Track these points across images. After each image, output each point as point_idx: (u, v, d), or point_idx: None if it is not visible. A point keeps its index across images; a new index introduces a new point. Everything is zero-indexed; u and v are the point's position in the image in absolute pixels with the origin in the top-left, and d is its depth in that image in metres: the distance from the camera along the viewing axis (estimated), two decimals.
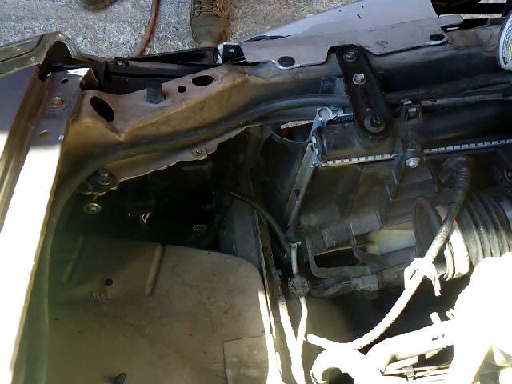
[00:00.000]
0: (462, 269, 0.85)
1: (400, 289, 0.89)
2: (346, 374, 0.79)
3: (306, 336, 1.00)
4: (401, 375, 0.90)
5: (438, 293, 0.84)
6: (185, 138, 0.92)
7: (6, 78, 0.84)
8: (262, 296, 0.99)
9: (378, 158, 0.94)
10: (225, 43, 1.05)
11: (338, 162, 0.93)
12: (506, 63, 0.97)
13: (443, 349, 0.81)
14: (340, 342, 0.94)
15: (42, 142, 0.73)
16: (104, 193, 0.89)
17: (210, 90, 0.94)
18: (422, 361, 0.90)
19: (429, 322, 0.83)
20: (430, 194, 0.96)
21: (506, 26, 0.95)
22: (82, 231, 1.02)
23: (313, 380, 0.90)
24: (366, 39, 1.04)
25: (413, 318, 0.90)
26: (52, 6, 2.57)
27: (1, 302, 0.56)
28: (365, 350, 0.83)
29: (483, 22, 1.13)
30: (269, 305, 0.98)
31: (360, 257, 1.07)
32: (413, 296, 0.86)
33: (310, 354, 0.95)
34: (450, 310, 0.78)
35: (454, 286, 0.78)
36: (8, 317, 0.55)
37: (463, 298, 0.70)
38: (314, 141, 0.94)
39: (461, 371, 0.65)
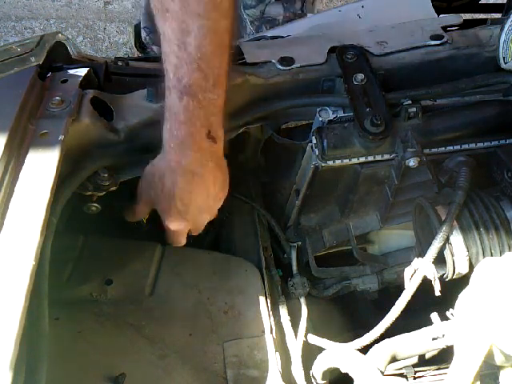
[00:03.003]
0: (462, 269, 0.85)
1: (400, 289, 0.89)
2: (346, 374, 0.79)
3: (306, 336, 1.00)
4: (401, 375, 0.90)
5: (438, 293, 0.84)
6: None
7: (5, 78, 0.84)
8: (262, 296, 0.99)
9: (378, 158, 0.94)
10: None
11: (337, 162, 0.93)
12: (506, 63, 0.97)
13: (443, 349, 0.81)
14: (340, 342, 0.94)
15: (42, 142, 0.73)
16: (104, 193, 0.89)
17: None
18: (422, 361, 0.90)
19: (429, 322, 0.83)
20: (430, 194, 0.96)
21: (506, 26, 0.95)
22: (82, 231, 1.02)
23: (313, 380, 0.90)
24: (366, 39, 1.04)
25: (413, 318, 0.90)
26: (52, 6, 2.57)
27: (1, 302, 0.56)
28: (365, 349, 0.83)
29: (483, 21, 1.13)
30: (269, 305, 0.98)
31: (360, 257, 1.07)
32: (413, 296, 0.86)
33: (310, 353, 0.95)
34: (450, 309, 0.78)
35: (454, 286, 0.78)
36: (8, 317, 0.55)
37: (463, 298, 0.70)
38: (314, 141, 0.94)
39: (461, 371, 0.65)
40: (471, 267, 0.84)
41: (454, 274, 0.86)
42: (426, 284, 0.85)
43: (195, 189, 0.84)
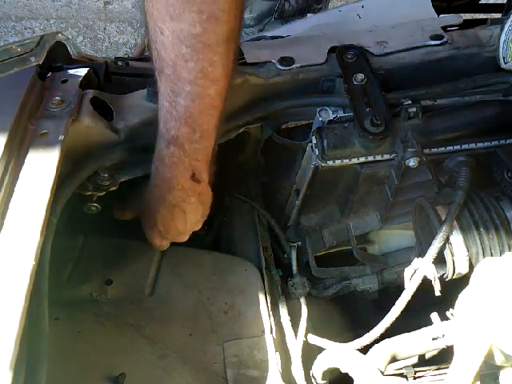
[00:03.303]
0: (462, 269, 0.85)
1: (400, 289, 0.89)
2: (346, 374, 0.79)
3: (306, 336, 1.00)
4: (401, 375, 0.90)
5: (438, 293, 0.84)
6: None
7: (5, 78, 0.84)
8: (262, 296, 0.99)
9: (378, 158, 0.94)
10: None
11: (337, 162, 0.93)
12: (506, 63, 0.97)
13: (443, 349, 0.81)
14: (340, 342, 0.94)
15: (42, 142, 0.73)
16: (104, 193, 0.89)
17: None
18: (422, 361, 0.90)
19: (429, 322, 0.83)
20: (429, 194, 0.96)
21: (506, 26, 0.95)
22: (82, 231, 1.02)
23: (313, 380, 0.90)
24: (366, 39, 1.04)
25: (413, 318, 0.90)
26: (52, 6, 2.57)
27: (1, 302, 0.56)
28: (365, 349, 0.83)
29: (483, 21, 1.13)
30: (269, 305, 0.98)
31: (360, 257, 1.07)
32: (413, 296, 0.86)
33: (310, 353, 0.95)
34: (450, 309, 0.78)
35: (454, 286, 0.78)
36: (8, 317, 0.55)
37: (463, 297, 0.70)
38: (314, 141, 0.94)
39: (461, 371, 0.65)
40: (471, 267, 0.84)
41: (454, 274, 0.86)
42: (426, 284, 0.85)
43: (176, 218, 0.90)
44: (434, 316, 0.84)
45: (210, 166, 0.86)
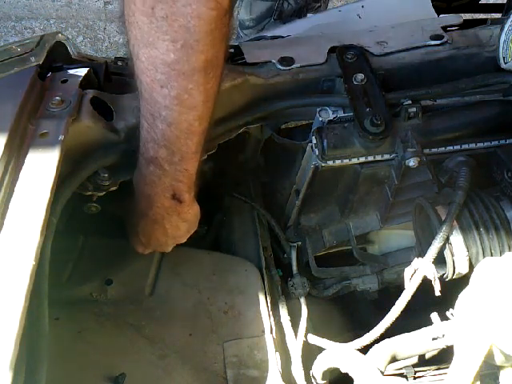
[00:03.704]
0: (462, 269, 0.85)
1: (400, 289, 0.89)
2: (346, 374, 0.79)
3: (306, 336, 1.00)
4: (401, 375, 0.90)
5: (438, 293, 0.84)
6: None
7: (5, 78, 0.84)
8: (262, 296, 0.99)
9: (378, 158, 0.94)
10: None
11: (338, 162, 0.93)
12: (506, 63, 0.97)
13: (443, 349, 0.81)
14: (340, 342, 0.94)
15: (42, 142, 0.73)
16: (104, 193, 0.89)
17: None
18: (422, 361, 0.90)
19: (429, 322, 0.83)
20: (430, 194, 0.96)
21: (506, 26, 0.95)
22: (82, 231, 1.02)
23: (313, 380, 0.90)
24: (366, 39, 1.04)
25: (413, 318, 0.90)
26: (52, 6, 2.57)
27: (1, 302, 0.56)
28: (365, 349, 0.83)
29: (483, 21, 1.13)
30: (269, 305, 0.98)
31: (360, 257, 1.07)
32: (413, 296, 0.86)
33: (310, 353, 0.95)
34: (450, 309, 0.78)
35: (454, 286, 0.78)
36: (8, 317, 0.55)
37: (463, 298, 0.70)
38: (314, 141, 0.94)
39: (461, 371, 0.65)
40: (471, 267, 0.84)
41: (454, 274, 0.86)
42: (426, 284, 0.85)
43: (156, 232, 0.90)
44: (434, 316, 0.84)
45: (195, 186, 0.85)
